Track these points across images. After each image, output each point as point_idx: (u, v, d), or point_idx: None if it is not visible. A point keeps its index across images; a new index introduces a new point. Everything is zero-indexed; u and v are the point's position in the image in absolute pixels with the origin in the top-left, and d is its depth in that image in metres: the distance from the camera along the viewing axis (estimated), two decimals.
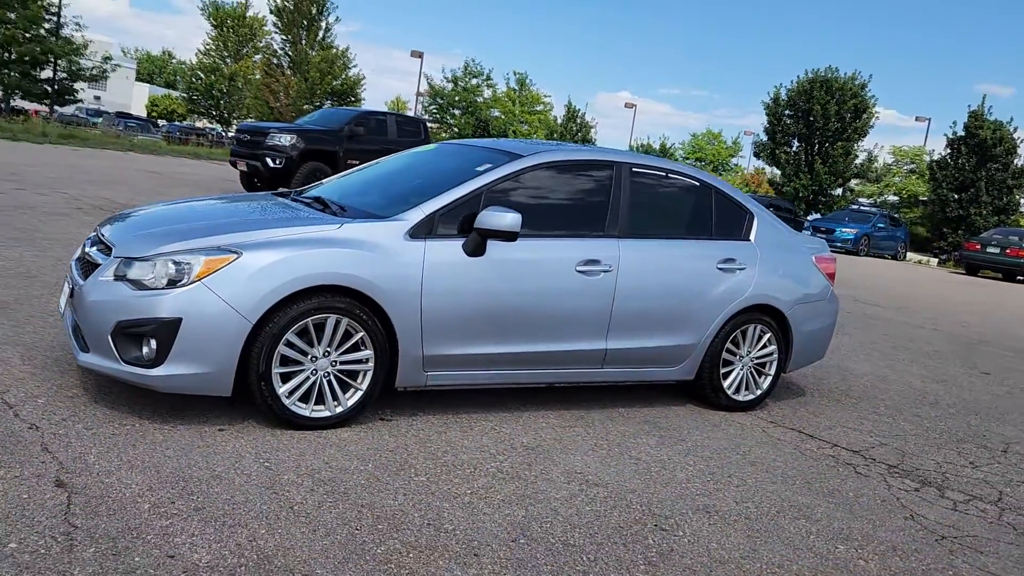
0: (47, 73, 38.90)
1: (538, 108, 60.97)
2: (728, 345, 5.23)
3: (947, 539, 3.75)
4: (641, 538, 3.29)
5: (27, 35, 37.03)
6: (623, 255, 4.75)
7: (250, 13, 63.90)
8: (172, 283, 3.70)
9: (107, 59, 40.82)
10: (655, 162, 5.26)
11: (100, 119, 50.03)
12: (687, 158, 70.67)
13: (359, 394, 4.09)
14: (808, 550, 3.41)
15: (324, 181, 5.50)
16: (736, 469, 4.26)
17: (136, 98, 70.86)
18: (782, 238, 5.59)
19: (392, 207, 4.36)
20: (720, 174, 65.02)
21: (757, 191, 45.39)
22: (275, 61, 50.31)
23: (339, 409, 4.04)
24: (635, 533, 3.32)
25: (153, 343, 3.66)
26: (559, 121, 56.61)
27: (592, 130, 57.67)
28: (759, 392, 5.43)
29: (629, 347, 4.84)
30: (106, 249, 4.03)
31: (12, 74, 37.47)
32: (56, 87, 39.12)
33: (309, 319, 3.89)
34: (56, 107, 40.70)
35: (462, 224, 4.31)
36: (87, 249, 4.20)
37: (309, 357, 3.94)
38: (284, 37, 50.89)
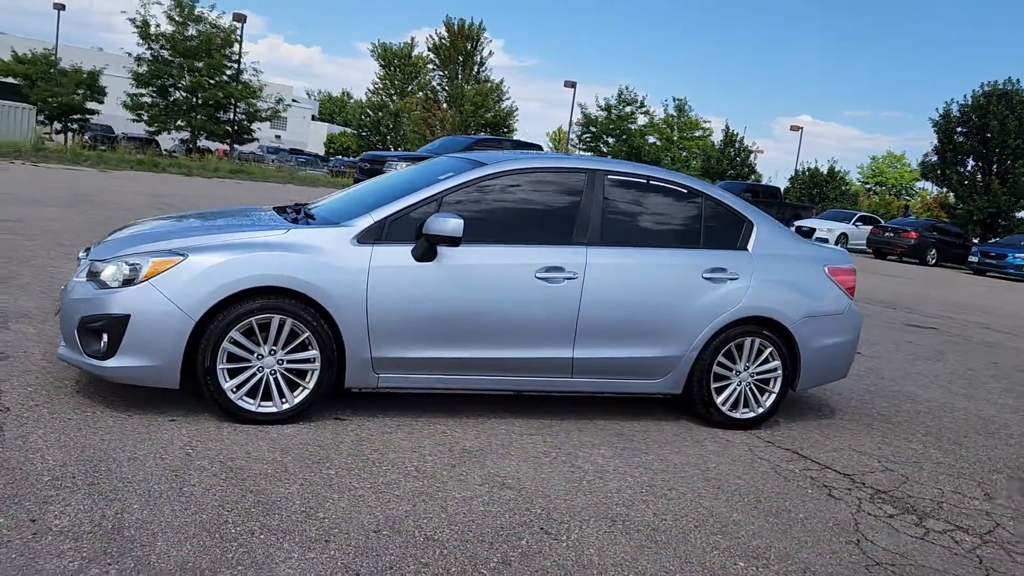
0: (229, 115, 42.53)
1: (697, 134, 59.99)
2: (720, 359, 5.00)
3: (881, 566, 3.43)
4: (515, 539, 3.24)
5: (211, 81, 40.72)
6: (591, 262, 4.69)
7: (416, 52, 66.96)
8: (126, 283, 4.04)
9: (279, 100, 44.04)
10: (636, 169, 5.16)
11: (275, 156, 54.01)
12: (865, 182, 67.08)
13: (306, 392, 4.26)
14: (699, 564, 3.23)
15: (333, 195, 5.77)
16: (682, 483, 4.08)
17: (313, 136, 75.96)
18: (787, 248, 5.30)
19: (352, 215, 4.53)
20: (902, 198, 61.28)
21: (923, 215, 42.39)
22: (432, 96, 52.50)
23: (285, 406, 4.23)
24: (512, 535, 3.28)
25: (105, 337, 4.01)
26: (717, 146, 55.39)
27: (752, 155, 56.04)
28: (760, 410, 5.15)
29: (600, 357, 4.75)
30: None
31: (199, 117, 41.24)
32: (235, 127, 42.65)
33: (253, 319, 4.12)
34: (236, 145, 44.37)
35: (417, 231, 4.42)
36: (80, 255, 4.66)
37: (255, 355, 4.16)
38: (441, 73, 53.11)
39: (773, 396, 5.17)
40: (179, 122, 41.58)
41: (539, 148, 19.22)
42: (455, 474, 3.84)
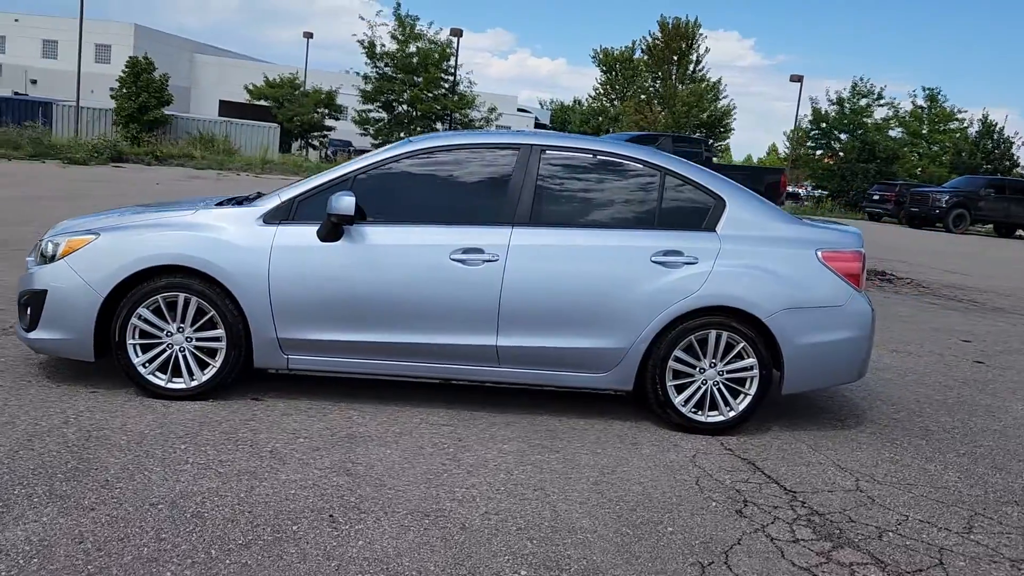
0: (445, 126, 44.66)
1: (951, 126, 54.23)
2: (679, 353, 4.46)
3: None
4: (286, 523, 3.08)
5: (429, 94, 43.01)
6: (515, 244, 4.36)
7: (637, 55, 66.39)
8: (49, 260, 4.34)
9: (492, 110, 45.56)
10: (581, 143, 4.73)
11: None
12: None
13: (213, 370, 4.34)
14: (470, 566, 2.89)
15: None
16: (560, 485, 3.68)
17: None
18: (768, 229, 4.61)
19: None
20: None
21: None
22: (644, 98, 51.82)
23: (194, 383, 4.33)
24: (290, 518, 3.12)
25: (29, 310, 4.32)
26: (972, 138, 49.69)
27: (1013, 146, 49.88)
28: (732, 414, 4.53)
29: (527, 346, 4.41)
30: None
31: (417, 128, 43.69)
32: None
33: (159, 296, 4.26)
34: None
35: None
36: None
37: (165, 332, 4.30)
38: (654, 74, 52.28)
39: (748, 398, 4.52)
40: (401, 134, 44.28)
41: (703, 143, 18.31)
42: (308, 458, 3.72)
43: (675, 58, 52.81)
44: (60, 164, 23.35)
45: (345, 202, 4.16)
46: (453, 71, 44.36)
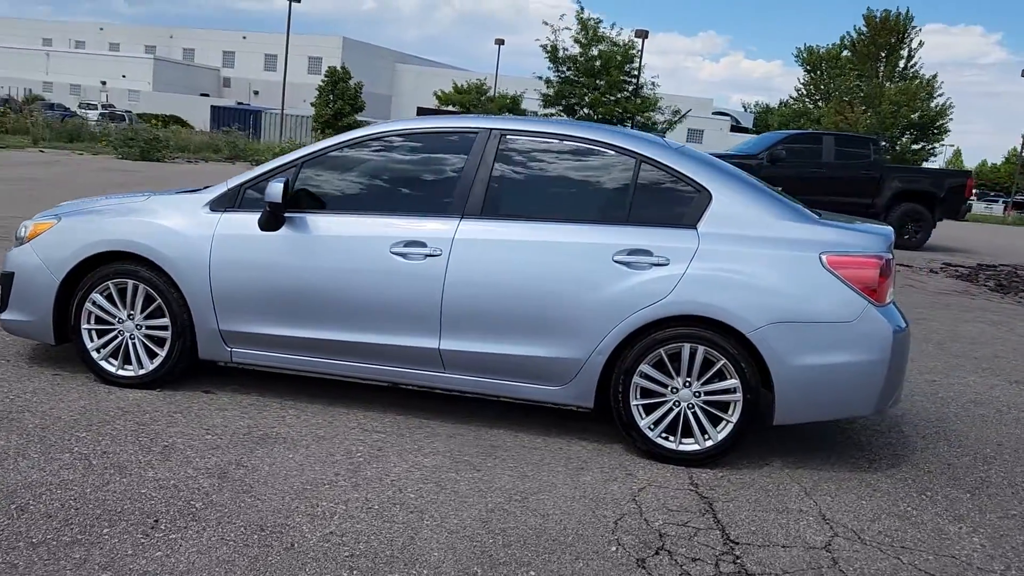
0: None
1: None
2: (645, 368, 3.86)
3: None
4: (87, 524, 2.89)
5: (612, 97, 42.55)
6: (460, 238, 3.96)
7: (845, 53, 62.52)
8: (20, 243, 4.45)
9: (676, 112, 44.33)
10: (547, 126, 4.21)
11: None
12: None
13: (159, 359, 4.27)
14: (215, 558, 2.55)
15: None
16: (447, 511, 3.25)
17: (731, 146, 75.01)
18: (762, 227, 3.88)
19: None
20: None
21: None
22: (846, 99, 48.49)
23: (142, 371, 4.29)
24: (121, 523, 2.93)
25: (1, 291, 4.45)
26: None
27: None
28: (708, 443, 3.86)
29: (472, 351, 3.98)
30: None
31: None
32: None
33: (111, 282, 4.25)
34: None
35: None
36: None
37: (116, 319, 4.29)
38: (859, 72, 48.80)
39: (729, 426, 3.84)
40: None
41: (871, 142, 16.63)
42: (196, 457, 3.53)
43: (883, 55, 48.92)
44: (250, 165, 25.20)
45: (273, 189, 3.95)
46: (636, 73, 43.63)
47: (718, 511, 3.44)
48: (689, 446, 3.88)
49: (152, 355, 4.28)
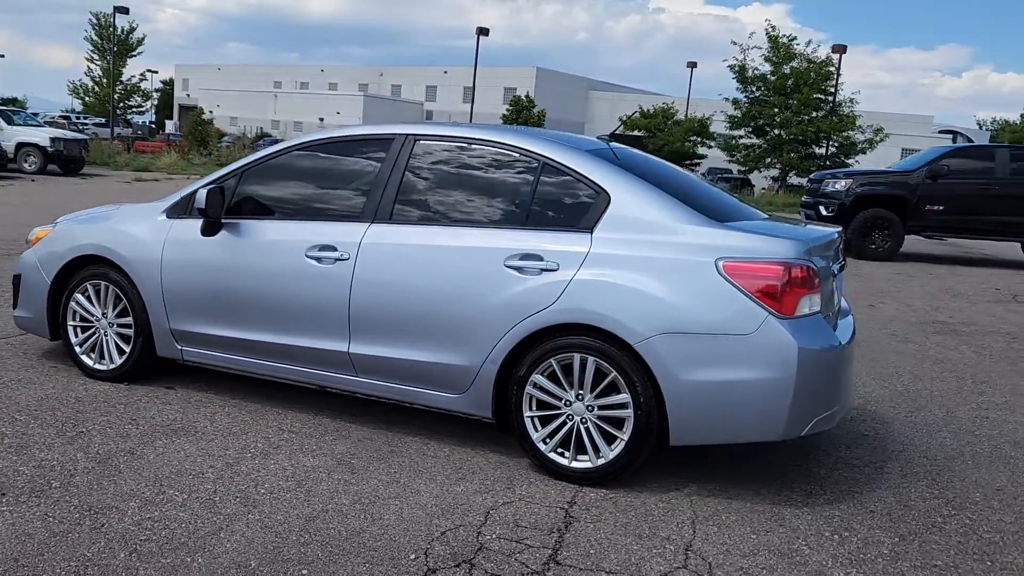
0: (823, 149, 41.62)
1: None
2: (539, 378, 3.70)
3: None
4: None
5: (805, 117, 40.51)
6: (367, 242, 4.01)
7: None
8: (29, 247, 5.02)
9: (878, 131, 41.44)
10: (458, 131, 4.14)
11: None
12: None
13: (125, 355, 4.64)
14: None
15: None
16: (285, 508, 3.29)
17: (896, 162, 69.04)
18: (659, 231, 3.60)
19: None
20: None
21: None
22: None
23: (112, 366, 4.68)
24: None
25: (13, 291, 5.03)
26: None
27: None
28: (600, 461, 3.63)
29: (378, 355, 4.00)
30: None
31: (789, 154, 41.41)
32: (827, 162, 41.59)
33: (88, 283, 4.69)
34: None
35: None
36: None
37: (95, 317, 4.72)
38: None
39: (622, 444, 3.59)
40: (769, 160, 42.37)
41: None
42: (94, 442, 3.79)
43: None
44: None
45: (199, 196, 4.19)
46: (833, 90, 41.28)
47: (571, 532, 3.22)
48: (582, 463, 3.65)
49: (121, 352, 4.64)
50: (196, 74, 78.62)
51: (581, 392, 3.63)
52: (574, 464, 3.66)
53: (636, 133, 49.75)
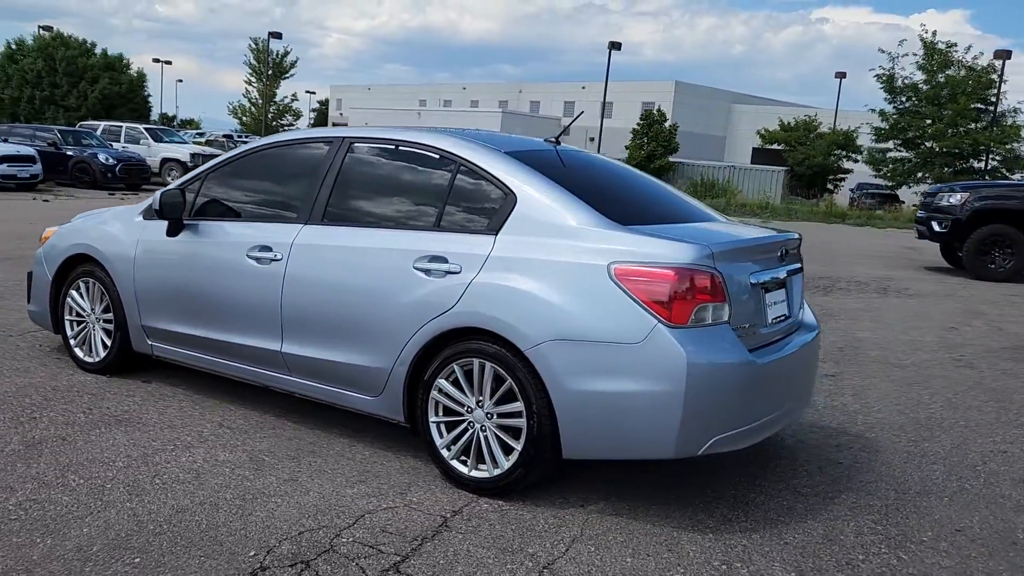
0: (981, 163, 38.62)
1: None
2: (443, 383, 3.63)
3: None
4: None
5: (961, 129, 37.76)
6: (298, 243, 4.07)
7: None
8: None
9: None
10: (390, 133, 4.10)
11: None
12: None
13: (107, 350, 4.91)
14: None
15: None
16: (179, 497, 3.38)
17: None
18: (561, 233, 3.43)
19: None
20: None
21: None
22: None
23: (97, 359, 4.96)
24: None
25: (27, 286, 5.43)
26: None
27: None
28: (496, 471, 3.50)
29: (305, 356, 4.04)
30: None
31: (944, 168, 38.67)
32: (985, 176, 38.57)
33: (79, 280, 5.00)
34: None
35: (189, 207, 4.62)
36: None
37: (87, 313, 5.02)
38: None
39: (517, 455, 3.45)
40: (919, 175, 39.74)
41: None
42: (40, 427, 4.01)
43: None
44: None
45: (155, 198, 4.38)
46: (995, 100, 38.25)
47: (434, 542, 3.11)
48: (481, 472, 3.54)
49: (105, 346, 4.91)
50: (348, 94, 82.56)
51: (481, 399, 3.51)
52: (473, 473, 3.54)
53: (775, 147, 47.99)
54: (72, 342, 5.04)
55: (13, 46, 46.43)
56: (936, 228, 13.20)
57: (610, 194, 3.82)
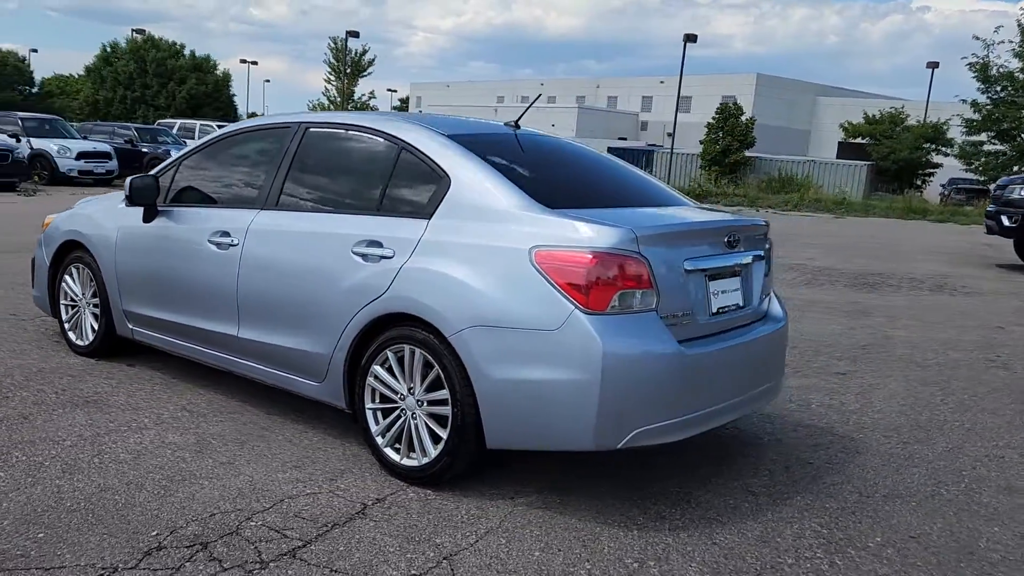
0: None
1: None
2: (378, 370, 3.59)
3: None
4: None
5: None
6: (252, 228, 4.09)
7: None
8: None
9: None
10: (342, 118, 4.07)
11: None
12: None
13: (95, 334, 5.05)
14: None
15: None
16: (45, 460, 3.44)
17: None
18: (490, 216, 3.34)
19: None
20: None
21: None
22: None
23: (86, 342, 5.10)
24: None
25: (31, 273, 5.63)
26: None
27: None
28: (425, 460, 3.44)
29: (258, 340, 4.05)
30: None
31: None
32: None
33: (72, 266, 5.16)
34: None
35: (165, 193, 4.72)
36: None
37: (79, 297, 5.18)
38: None
39: (443, 443, 3.38)
40: (1016, 168, 37.67)
41: None
42: (8, 405, 4.15)
43: None
44: None
45: (125, 184, 4.47)
46: None
47: (343, 528, 3.07)
48: (412, 461, 3.48)
49: (93, 330, 5.05)
50: (427, 91, 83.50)
51: (412, 386, 3.45)
52: (404, 461, 3.49)
53: (860, 141, 46.31)
54: (67, 326, 5.20)
55: (108, 49, 48.61)
56: (1006, 223, 12.49)
57: (559, 178, 3.71)
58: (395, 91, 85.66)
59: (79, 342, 5.11)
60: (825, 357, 6.25)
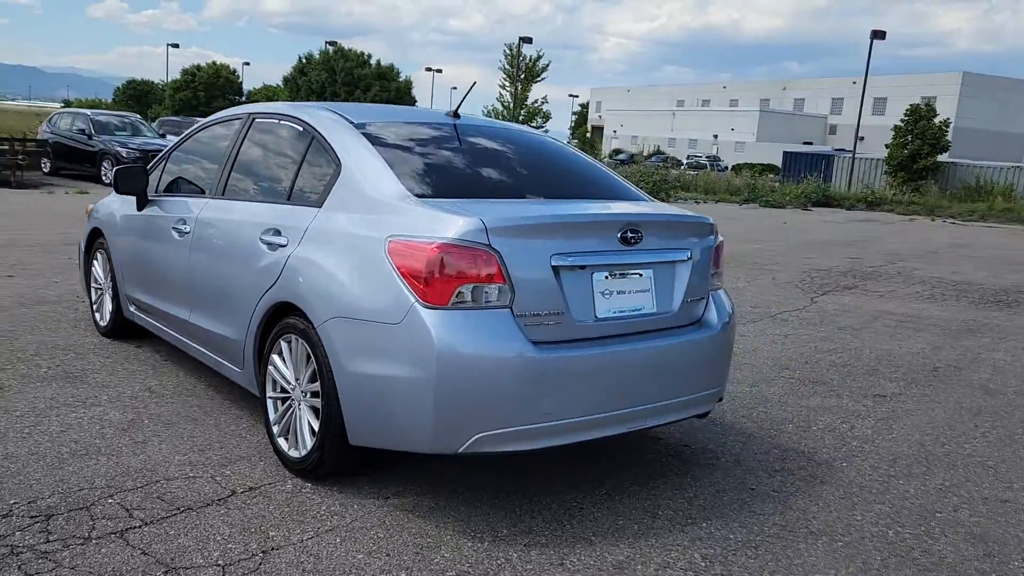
0: None
1: None
2: (275, 358, 3.57)
3: None
4: None
5: None
6: (200, 216, 4.21)
7: None
8: None
9: None
10: (281, 108, 4.05)
11: None
12: None
13: (111, 314, 5.39)
14: None
15: None
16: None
17: None
18: (366, 206, 3.22)
19: None
20: None
21: None
22: None
23: (105, 322, 5.46)
24: None
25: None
26: None
27: None
28: (303, 452, 3.39)
29: (199, 325, 4.17)
30: None
31: None
32: None
33: (97, 252, 5.54)
34: None
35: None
36: None
37: (102, 282, 5.55)
38: None
39: (315, 436, 3.32)
40: None
41: None
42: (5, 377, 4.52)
43: None
44: (757, 207, 25.15)
45: (112, 174, 4.72)
46: None
47: (193, 514, 3.06)
48: (296, 452, 3.43)
49: (109, 311, 5.39)
50: (607, 96, 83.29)
51: (300, 377, 3.40)
52: (291, 452, 3.44)
53: None
54: (93, 307, 5.58)
55: (303, 60, 52.25)
56: None
57: (469, 169, 3.52)
58: (576, 96, 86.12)
59: (101, 323, 5.47)
60: (876, 377, 5.59)
